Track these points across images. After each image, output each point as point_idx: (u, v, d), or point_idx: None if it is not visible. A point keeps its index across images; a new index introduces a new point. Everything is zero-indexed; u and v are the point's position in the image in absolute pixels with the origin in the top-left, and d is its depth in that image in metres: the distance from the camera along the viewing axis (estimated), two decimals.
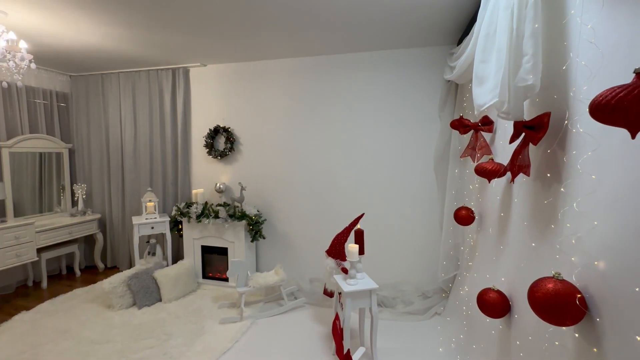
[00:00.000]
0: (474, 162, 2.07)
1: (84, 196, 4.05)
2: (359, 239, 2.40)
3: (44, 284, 3.61)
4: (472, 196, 2.39)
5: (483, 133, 2.00)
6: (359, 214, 2.74)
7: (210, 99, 3.79)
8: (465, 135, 2.41)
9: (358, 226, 2.46)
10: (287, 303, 3.15)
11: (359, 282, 2.29)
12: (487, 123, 1.91)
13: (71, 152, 4.17)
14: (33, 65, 2.51)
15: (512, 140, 1.38)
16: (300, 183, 3.57)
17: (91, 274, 4.03)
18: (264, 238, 3.57)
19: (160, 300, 3.25)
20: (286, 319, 2.99)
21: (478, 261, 2.08)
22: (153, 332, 2.72)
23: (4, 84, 2.38)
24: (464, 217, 2.23)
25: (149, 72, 3.86)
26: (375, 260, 3.36)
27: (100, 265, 4.14)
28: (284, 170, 3.61)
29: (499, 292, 1.54)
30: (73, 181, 4.17)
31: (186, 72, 3.81)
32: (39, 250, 3.56)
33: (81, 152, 4.18)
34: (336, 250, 2.65)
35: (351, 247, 2.25)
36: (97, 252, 4.10)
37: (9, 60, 2.33)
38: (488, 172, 1.64)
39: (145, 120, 3.91)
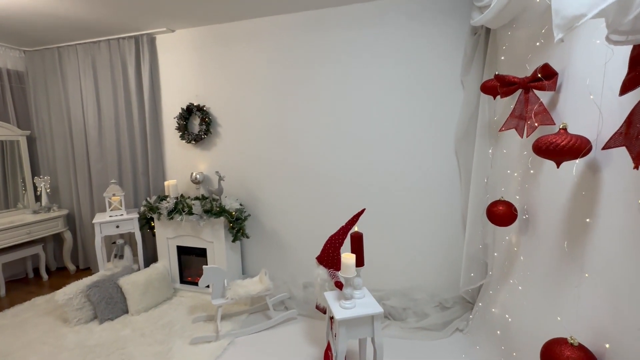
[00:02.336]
0: (522, 136, 1.42)
1: (48, 190, 3.55)
2: (357, 245, 1.80)
3: (2, 291, 3.17)
4: (512, 185, 1.75)
5: (538, 93, 1.33)
6: (360, 210, 2.13)
7: (182, 72, 3.17)
8: (504, 101, 1.74)
9: (356, 228, 1.85)
10: (275, 315, 2.61)
11: (357, 303, 1.71)
12: (548, 75, 1.24)
13: (31, 140, 3.65)
14: None
15: (627, 89, 0.73)
16: (291, 170, 2.96)
17: (61, 277, 3.57)
18: (247, 237, 3.00)
19: (127, 311, 2.76)
20: (273, 336, 2.46)
21: (530, 283, 1.45)
22: (109, 356, 2.23)
23: None
24: (502, 215, 1.59)
25: (109, 42, 3.24)
26: (381, 262, 2.77)
27: (71, 267, 3.68)
28: (271, 155, 3.00)
29: (581, 348, 0.93)
30: (36, 173, 3.66)
31: (151, 40, 3.18)
32: None
33: (43, 139, 3.65)
34: (329, 257, 2.07)
35: (345, 257, 1.66)
36: (66, 252, 3.63)
37: None
38: (561, 151, 0.99)
39: (109, 100, 3.33)
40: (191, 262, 3.15)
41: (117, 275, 2.83)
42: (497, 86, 1.58)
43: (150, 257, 3.37)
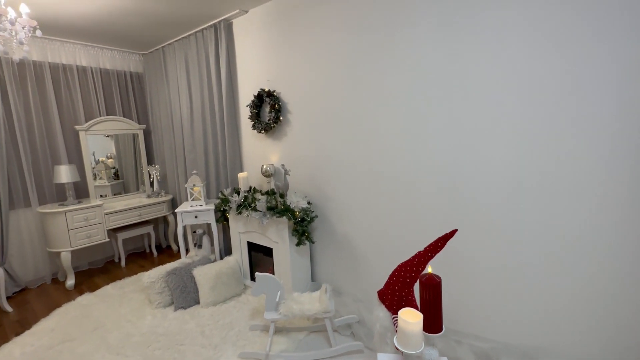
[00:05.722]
0: None
1: (158, 177, 4.00)
2: (431, 297, 1.08)
3: (122, 262, 3.74)
4: None
5: None
6: (450, 231, 1.39)
7: (255, 56, 2.93)
8: None
9: (429, 269, 1.14)
10: (337, 344, 2.12)
11: None
12: None
13: (148, 133, 4.17)
14: (39, 32, 2.17)
15: None
16: (371, 168, 2.34)
17: (167, 256, 4.02)
18: (312, 242, 2.58)
19: (198, 302, 2.78)
20: None
21: None
22: (167, 350, 2.22)
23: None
24: None
25: (195, 34, 3.29)
26: (493, 299, 1.91)
27: (174, 247, 4.10)
28: (347, 148, 2.45)
29: None
30: (151, 162, 4.20)
31: (228, 26, 3.05)
32: (116, 230, 3.68)
33: (155, 132, 4.13)
34: (395, 295, 1.42)
35: (405, 318, 0.99)
36: (170, 233, 4.06)
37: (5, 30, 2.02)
38: None
39: (197, 92, 3.43)
40: (260, 260, 2.97)
41: (194, 265, 2.88)
42: None
43: (228, 249, 3.38)
